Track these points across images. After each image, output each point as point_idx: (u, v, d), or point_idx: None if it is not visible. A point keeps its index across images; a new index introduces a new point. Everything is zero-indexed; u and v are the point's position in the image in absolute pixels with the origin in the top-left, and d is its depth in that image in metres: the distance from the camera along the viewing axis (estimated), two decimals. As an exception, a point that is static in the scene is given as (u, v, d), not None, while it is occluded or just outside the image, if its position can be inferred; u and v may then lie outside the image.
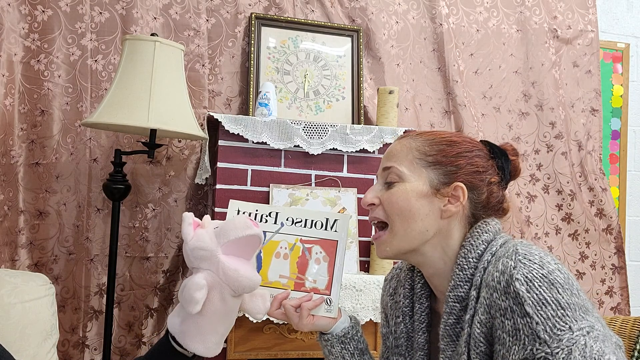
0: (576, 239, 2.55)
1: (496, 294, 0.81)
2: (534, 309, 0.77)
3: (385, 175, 0.97)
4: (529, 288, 0.78)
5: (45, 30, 1.99)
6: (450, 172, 0.94)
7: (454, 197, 0.93)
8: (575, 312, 0.77)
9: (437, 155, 0.95)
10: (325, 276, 1.06)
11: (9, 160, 1.94)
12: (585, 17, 2.61)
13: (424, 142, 0.96)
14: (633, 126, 2.76)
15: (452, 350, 0.90)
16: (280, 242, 1.07)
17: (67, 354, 1.98)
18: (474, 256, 0.90)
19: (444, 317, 0.90)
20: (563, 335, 0.76)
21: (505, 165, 0.98)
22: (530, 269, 0.80)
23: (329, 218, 1.07)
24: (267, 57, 2.18)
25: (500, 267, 0.83)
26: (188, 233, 0.93)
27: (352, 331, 1.08)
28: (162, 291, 2.09)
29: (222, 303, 0.92)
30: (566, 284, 0.79)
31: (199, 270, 0.93)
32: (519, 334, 0.78)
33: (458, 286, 0.89)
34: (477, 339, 0.84)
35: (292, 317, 1.04)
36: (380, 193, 0.97)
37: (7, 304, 1.37)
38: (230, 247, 0.91)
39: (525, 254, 0.82)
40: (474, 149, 0.97)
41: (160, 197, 2.09)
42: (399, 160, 0.96)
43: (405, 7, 2.40)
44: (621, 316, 1.45)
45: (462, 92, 2.40)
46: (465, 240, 0.92)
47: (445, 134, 0.98)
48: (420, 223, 0.93)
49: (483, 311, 0.83)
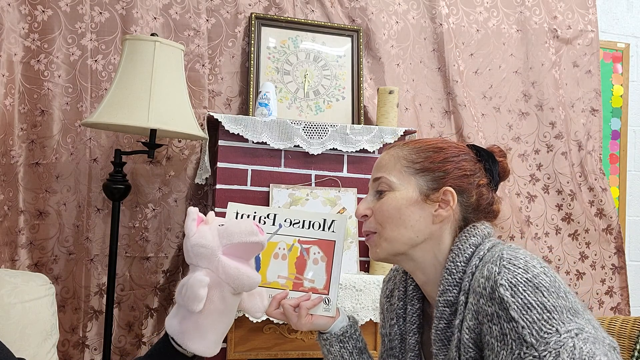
0: (576, 239, 2.55)
1: (482, 300, 0.82)
2: (519, 313, 0.78)
3: (376, 186, 0.99)
4: (513, 293, 0.79)
5: (45, 30, 1.99)
6: (438, 178, 0.95)
7: (444, 202, 0.94)
8: (562, 314, 0.77)
9: (424, 162, 0.96)
10: (323, 276, 1.06)
11: (9, 160, 1.94)
12: (585, 17, 2.61)
13: (410, 150, 0.98)
14: (633, 126, 2.76)
15: (444, 354, 0.90)
16: (279, 243, 1.08)
17: (67, 354, 1.98)
18: (461, 260, 0.90)
19: (435, 321, 0.91)
20: (550, 338, 0.76)
21: (493, 167, 0.99)
22: (514, 273, 0.80)
23: (326, 219, 1.08)
24: (267, 57, 2.18)
25: (485, 273, 0.83)
26: (191, 229, 0.93)
27: (350, 330, 1.09)
28: (162, 291, 2.09)
29: (222, 301, 0.92)
30: (552, 287, 0.79)
31: (197, 268, 0.92)
32: (506, 338, 0.78)
33: (447, 290, 0.90)
34: (467, 344, 0.84)
35: (290, 316, 1.05)
36: (372, 204, 0.99)
37: (7, 304, 1.37)
38: (231, 249, 0.92)
39: (510, 258, 0.83)
40: (461, 153, 0.98)
41: (160, 197, 2.10)
42: (387, 170, 0.98)
43: (405, 7, 2.40)
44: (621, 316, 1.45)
45: (462, 92, 2.40)
46: (454, 244, 0.93)
47: (431, 141, 1.00)
48: (411, 229, 0.94)
49: (471, 317, 0.84)
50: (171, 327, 0.94)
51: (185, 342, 0.92)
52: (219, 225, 0.93)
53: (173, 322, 0.94)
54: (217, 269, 0.91)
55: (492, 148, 1.02)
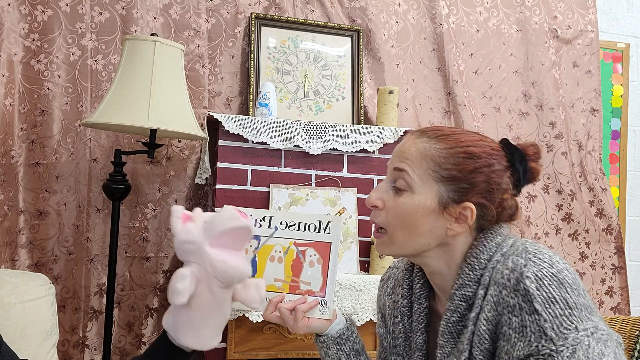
0: (576, 239, 2.55)
1: (505, 291, 0.82)
2: (542, 306, 0.78)
3: (395, 177, 0.93)
4: (538, 286, 0.79)
5: (45, 30, 1.99)
6: (462, 190, 0.89)
7: (461, 217, 0.90)
8: (581, 312, 0.79)
9: (452, 169, 0.90)
10: (320, 278, 1.06)
11: (9, 160, 1.94)
12: (585, 17, 2.61)
13: (440, 150, 0.91)
14: (633, 126, 2.76)
15: (451, 347, 0.90)
16: (275, 246, 1.07)
17: (67, 354, 1.98)
18: (485, 258, 0.89)
19: (447, 314, 0.90)
20: (569, 334, 0.77)
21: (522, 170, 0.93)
22: (540, 267, 0.81)
23: (322, 220, 1.07)
24: (267, 57, 2.18)
25: (510, 265, 0.83)
26: (176, 227, 0.91)
27: (347, 332, 1.08)
28: (162, 291, 2.09)
29: (211, 295, 0.91)
30: (574, 283, 0.80)
31: (188, 264, 0.92)
32: (526, 330, 0.79)
33: (467, 285, 0.89)
34: (483, 336, 0.84)
35: (287, 320, 1.04)
36: (385, 195, 0.94)
37: (7, 304, 1.37)
38: (218, 239, 0.90)
39: (535, 252, 0.83)
40: (493, 160, 0.91)
41: (160, 197, 2.09)
42: (412, 165, 0.91)
43: (405, 7, 2.40)
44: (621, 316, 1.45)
45: (462, 92, 2.40)
46: (477, 240, 0.91)
47: (463, 141, 0.92)
48: (422, 237, 0.91)
49: (490, 308, 0.84)
50: (166, 322, 0.94)
51: (178, 337, 0.92)
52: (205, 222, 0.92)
53: (168, 317, 0.94)
54: (205, 262, 0.89)
55: (527, 149, 0.94)
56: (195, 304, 0.90)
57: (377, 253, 1.94)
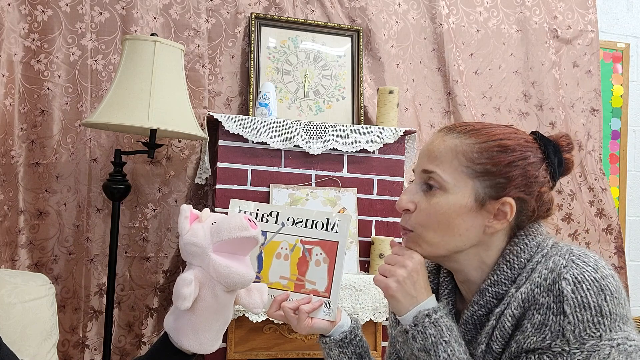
0: (576, 239, 2.55)
1: (537, 290, 0.80)
2: (572, 309, 0.76)
3: (425, 178, 0.88)
4: (575, 289, 0.77)
5: (45, 30, 1.99)
6: (499, 185, 0.85)
7: (500, 213, 0.85)
8: (614, 322, 0.76)
9: (486, 164, 0.85)
10: (325, 278, 1.04)
11: (9, 160, 1.94)
12: (585, 17, 2.61)
13: (472, 145, 0.86)
14: (633, 126, 2.76)
15: (471, 336, 0.88)
16: (281, 243, 1.05)
17: (67, 354, 1.98)
18: (525, 257, 0.86)
19: (474, 307, 0.88)
20: (589, 340, 0.75)
21: (556, 162, 0.89)
22: (582, 270, 0.78)
23: (329, 218, 1.05)
24: (267, 57, 2.18)
25: (550, 265, 0.81)
26: (184, 227, 0.92)
27: (350, 335, 1.06)
28: (162, 291, 2.09)
29: (214, 299, 0.91)
30: (616, 292, 0.78)
31: (191, 266, 0.92)
32: (545, 329, 0.77)
33: (502, 283, 0.86)
34: (506, 331, 0.83)
35: (290, 319, 1.03)
36: (416, 197, 0.89)
37: (7, 304, 1.37)
38: (223, 246, 0.90)
39: (580, 254, 0.81)
40: (528, 152, 0.87)
41: (160, 197, 2.09)
42: (442, 164, 0.87)
43: (405, 7, 2.40)
44: (621, 316, 1.44)
45: (462, 92, 2.40)
46: (518, 238, 0.88)
47: (496, 135, 0.87)
48: (459, 238, 0.87)
49: (517, 305, 0.82)
50: (167, 324, 0.94)
51: (179, 340, 0.92)
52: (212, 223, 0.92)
53: (169, 319, 0.94)
54: (208, 267, 0.89)
55: (559, 140, 0.90)
56: (198, 307, 0.90)
57: (377, 253, 1.94)
